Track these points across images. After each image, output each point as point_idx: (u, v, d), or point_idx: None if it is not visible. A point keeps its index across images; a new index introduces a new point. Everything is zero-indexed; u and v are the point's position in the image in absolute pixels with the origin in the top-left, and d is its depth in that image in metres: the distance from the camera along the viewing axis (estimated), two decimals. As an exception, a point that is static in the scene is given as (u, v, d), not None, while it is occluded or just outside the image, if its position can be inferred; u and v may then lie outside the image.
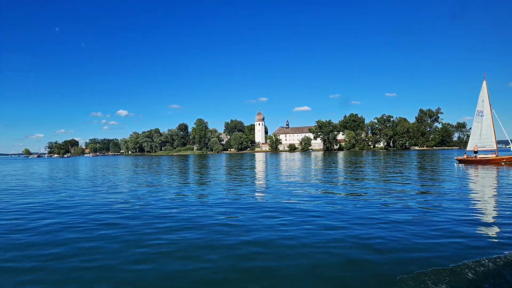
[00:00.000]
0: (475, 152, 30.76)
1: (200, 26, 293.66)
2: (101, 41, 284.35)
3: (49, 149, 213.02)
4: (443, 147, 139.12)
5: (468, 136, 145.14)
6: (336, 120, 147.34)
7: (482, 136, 30.62)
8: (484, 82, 30.60)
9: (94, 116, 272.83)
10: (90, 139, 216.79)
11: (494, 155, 29.92)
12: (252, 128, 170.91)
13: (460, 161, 31.48)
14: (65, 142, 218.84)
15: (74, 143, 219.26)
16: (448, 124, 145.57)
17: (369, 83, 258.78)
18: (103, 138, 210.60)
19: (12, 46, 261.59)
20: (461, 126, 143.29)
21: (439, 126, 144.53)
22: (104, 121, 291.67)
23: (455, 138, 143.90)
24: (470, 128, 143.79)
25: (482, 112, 30.66)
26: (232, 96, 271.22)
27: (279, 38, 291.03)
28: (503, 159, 28.83)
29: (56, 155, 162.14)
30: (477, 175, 21.31)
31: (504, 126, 30.58)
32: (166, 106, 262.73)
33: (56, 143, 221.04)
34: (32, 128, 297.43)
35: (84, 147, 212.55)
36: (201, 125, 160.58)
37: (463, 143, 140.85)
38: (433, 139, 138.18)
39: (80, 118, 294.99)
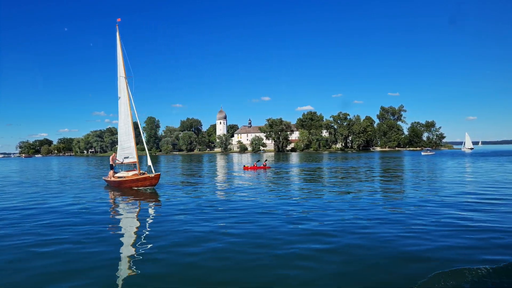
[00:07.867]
0: (112, 166, 17.06)
1: (204, 25, 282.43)
2: (105, 40, 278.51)
3: (20, 149, 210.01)
4: (409, 148, 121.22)
5: (437, 136, 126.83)
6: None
7: (122, 138, 17.01)
8: (118, 37, 16.85)
9: (97, 115, 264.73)
10: (59, 139, 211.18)
11: (134, 172, 16.37)
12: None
13: (107, 182, 18.03)
14: (36, 141, 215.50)
15: (46, 142, 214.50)
16: (417, 123, 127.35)
17: (372, 82, 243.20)
18: (68, 138, 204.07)
19: (15, 45, 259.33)
20: (430, 125, 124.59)
21: (403, 125, 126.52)
22: (108, 120, 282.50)
23: (424, 138, 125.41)
24: (440, 127, 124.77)
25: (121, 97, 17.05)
26: (235, 96, 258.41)
27: (282, 38, 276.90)
28: (144, 180, 15.37)
29: (1, 156, 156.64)
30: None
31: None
32: (169, 105, 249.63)
33: (27, 142, 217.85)
34: (36, 127, 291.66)
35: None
36: (152, 123, 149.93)
37: (432, 144, 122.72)
38: (395, 138, 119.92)
39: (84, 117, 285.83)
